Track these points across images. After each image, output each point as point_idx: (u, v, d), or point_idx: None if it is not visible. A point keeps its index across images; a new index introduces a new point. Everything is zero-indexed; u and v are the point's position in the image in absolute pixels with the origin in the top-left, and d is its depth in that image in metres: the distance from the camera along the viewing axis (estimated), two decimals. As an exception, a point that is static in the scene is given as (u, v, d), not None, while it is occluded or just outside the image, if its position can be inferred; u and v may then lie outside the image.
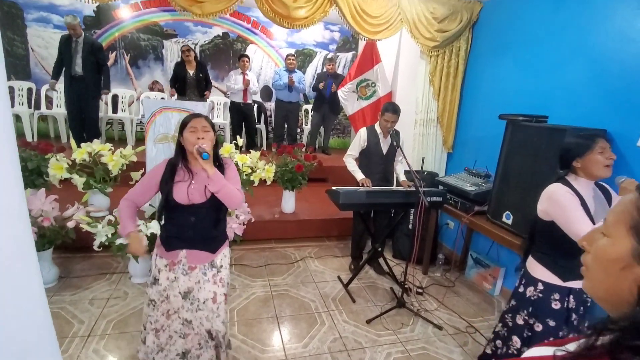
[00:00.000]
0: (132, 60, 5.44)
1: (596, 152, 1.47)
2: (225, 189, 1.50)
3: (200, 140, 1.48)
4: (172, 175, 1.56)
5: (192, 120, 1.53)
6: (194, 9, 2.64)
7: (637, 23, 2.10)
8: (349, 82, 4.64)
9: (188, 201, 1.54)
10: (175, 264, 1.60)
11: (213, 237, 1.65)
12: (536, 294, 1.58)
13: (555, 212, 1.49)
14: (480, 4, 3.29)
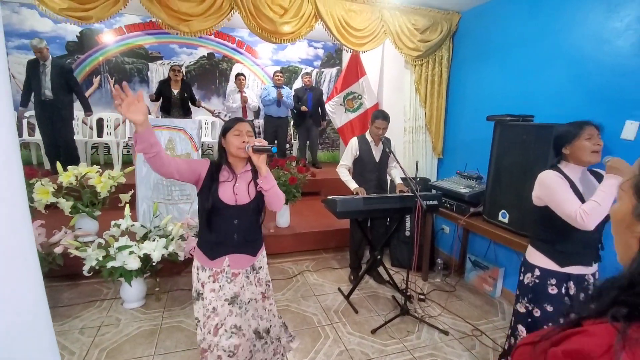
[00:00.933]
0: (117, 83, 5.39)
1: (583, 138, 1.52)
2: (275, 188, 1.53)
3: (245, 143, 1.48)
4: (217, 175, 1.53)
5: (237, 124, 1.52)
6: (181, 27, 2.66)
7: (609, 24, 2.22)
8: (335, 96, 4.71)
9: (234, 201, 1.51)
10: (219, 273, 1.56)
11: (255, 239, 1.63)
12: (533, 280, 1.60)
13: (547, 195, 1.54)
14: (458, 14, 3.43)
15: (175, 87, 4.51)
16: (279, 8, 2.87)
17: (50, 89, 4.03)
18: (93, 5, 2.44)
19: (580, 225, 1.40)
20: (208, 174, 1.52)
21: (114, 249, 2.40)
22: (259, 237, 1.68)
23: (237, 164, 1.56)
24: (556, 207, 1.51)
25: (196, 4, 2.65)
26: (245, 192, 1.54)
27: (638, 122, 2.08)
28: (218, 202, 1.49)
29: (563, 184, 1.51)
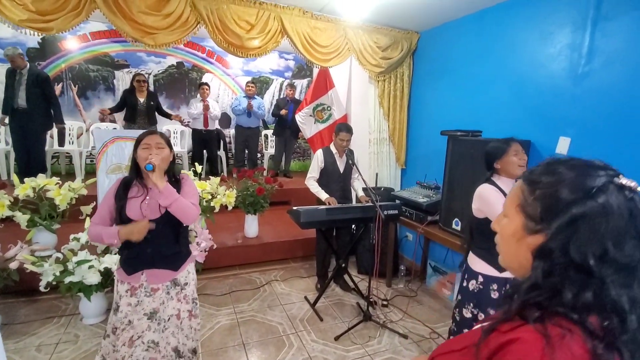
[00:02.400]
0: (81, 91, 5.25)
1: (511, 154, 1.70)
2: (177, 202, 1.49)
3: (154, 155, 1.49)
4: (125, 191, 1.55)
5: (147, 137, 1.54)
6: (146, 40, 2.68)
7: (544, 50, 2.47)
8: (305, 107, 4.82)
9: (141, 217, 1.51)
10: (137, 288, 1.56)
11: (173, 253, 1.63)
12: (477, 286, 1.74)
13: (485, 208, 1.70)
14: (417, 34, 3.65)
15: (140, 95, 4.45)
16: (245, 24, 2.95)
17: (24, 99, 3.89)
18: (54, 16, 2.42)
19: None
20: (117, 193, 1.55)
21: (73, 264, 2.35)
22: (181, 251, 1.66)
23: (147, 178, 1.55)
24: (493, 218, 1.66)
25: (162, 17, 2.68)
26: (155, 207, 1.53)
27: (569, 138, 2.31)
28: (125, 219, 1.51)
29: (499, 197, 1.67)
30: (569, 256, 0.54)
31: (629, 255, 0.52)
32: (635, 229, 0.53)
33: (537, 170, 0.64)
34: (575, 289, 0.53)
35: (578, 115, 2.26)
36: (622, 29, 2.04)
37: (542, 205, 0.59)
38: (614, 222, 0.53)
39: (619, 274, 0.52)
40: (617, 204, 0.53)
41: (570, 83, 2.30)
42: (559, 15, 2.36)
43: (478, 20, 2.99)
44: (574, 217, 0.54)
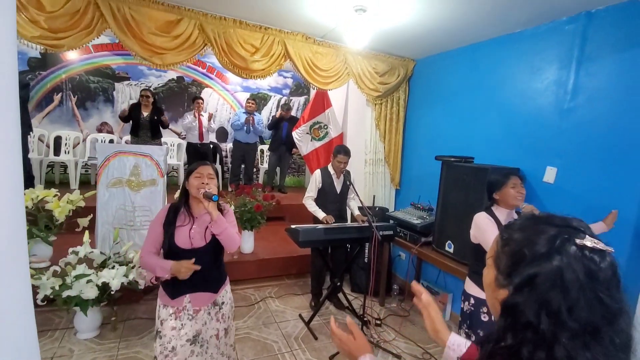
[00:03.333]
0: (80, 101, 5.28)
1: (509, 186, 1.82)
2: (227, 231, 1.60)
3: (205, 185, 1.58)
4: (174, 219, 1.62)
5: (199, 167, 1.64)
6: (154, 60, 2.76)
7: (532, 84, 2.64)
8: (302, 125, 4.94)
9: (190, 245, 1.59)
10: (181, 311, 1.61)
11: (214, 278, 1.70)
12: (469, 308, 1.83)
13: (478, 235, 1.81)
14: (413, 61, 3.83)
15: (145, 110, 4.50)
16: (250, 47, 3.07)
17: None
18: (66, 34, 2.49)
19: None
20: (167, 219, 1.61)
21: (71, 278, 2.35)
22: (220, 275, 1.75)
23: (196, 206, 1.66)
24: (485, 246, 1.77)
25: (170, 39, 2.78)
26: (202, 235, 1.62)
27: (556, 168, 2.45)
28: (174, 247, 1.59)
29: (492, 226, 1.78)
30: (527, 314, 0.55)
31: (584, 319, 0.52)
32: (593, 292, 0.52)
33: (513, 226, 0.65)
34: (530, 347, 0.54)
35: (564, 147, 2.41)
36: (604, 69, 2.21)
37: (509, 260, 0.61)
38: (569, 283, 0.52)
39: (573, 338, 0.52)
40: (574, 265, 0.53)
41: (557, 117, 2.46)
42: (547, 53, 2.54)
43: (471, 53, 3.16)
44: (530, 276, 0.56)
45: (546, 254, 0.55)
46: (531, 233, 0.60)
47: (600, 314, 0.53)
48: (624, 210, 2.05)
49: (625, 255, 2.07)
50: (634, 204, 2.03)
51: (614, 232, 2.07)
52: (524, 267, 0.57)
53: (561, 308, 0.52)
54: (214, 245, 1.65)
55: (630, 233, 2.05)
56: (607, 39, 2.19)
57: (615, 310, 0.54)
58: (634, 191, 2.04)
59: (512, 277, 0.59)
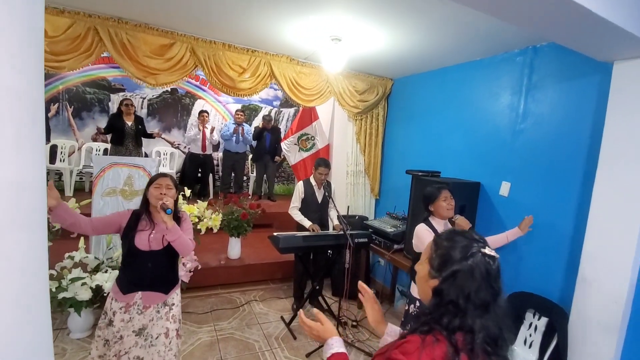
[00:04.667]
0: (76, 111, 5.49)
1: (441, 199, 2.08)
2: (180, 239, 1.77)
3: (163, 195, 1.78)
4: (135, 224, 1.82)
5: (159, 178, 1.84)
6: (148, 80, 3.01)
7: (491, 107, 2.93)
8: (290, 136, 5.20)
9: (148, 248, 1.79)
10: (131, 306, 1.80)
11: (167, 279, 1.89)
12: (414, 310, 2.07)
13: (420, 244, 2.06)
14: (391, 80, 4.13)
15: (128, 119, 4.71)
16: (238, 67, 3.33)
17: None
18: (67, 57, 2.72)
19: None
20: (128, 223, 1.81)
21: (67, 281, 2.56)
22: (173, 277, 1.93)
23: (156, 214, 1.81)
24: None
25: (164, 61, 3.03)
26: (159, 240, 1.80)
27: (509, 182, 2.74)
28: (133, 248, 1.77)
29: (429, 236, 2.03)
30: (449, 296, 0.85)
31: (482, 299, 0.84)
32: (488, 282, 0.85)
33: (443, 236, 0.95)
34: (450, 317, 0.84)
35: (515, 164, 2.69)
36: (547, 97, 2.51)
37: (439, 260, 0.91)
38: (476, 277, 0.84)
39: (476, 310, 0.83)
40: (480, 266, 0.85)
41: (510, 137, 2.75)
42: (502, 80, 2.84)
43: (441, 75, 3.46)
44: (454, 271, 0.86)
45: (464, 257, 0.87)
46: (453, 243, 0.91)
47: (490, 294, 0.85)
48: (561, 223, 2.33)
49: (563, 262, 2.35)
50: (570, 218, 2.31)
51: (554, 242, 2.35)
52: (450, 265, 0.88)
53: (471, 291, 0.84)
54: (169, 249, 1.80)
55: (566, 243, 2.33)
56: (549, 71, 2.49)
57: (497, 292, 0.87)
58: (569, 206, 2.32)
59: (440, 272, 0.89)
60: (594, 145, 2.14)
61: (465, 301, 0.83)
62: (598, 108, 2.15)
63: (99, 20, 2.77)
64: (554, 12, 1.50)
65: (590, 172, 2.13)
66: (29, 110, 0.80)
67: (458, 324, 0.83)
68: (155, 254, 1.81)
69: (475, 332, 0.82)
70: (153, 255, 1.80)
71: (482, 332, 0.82)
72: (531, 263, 2.56)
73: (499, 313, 0.85)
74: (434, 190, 2.12)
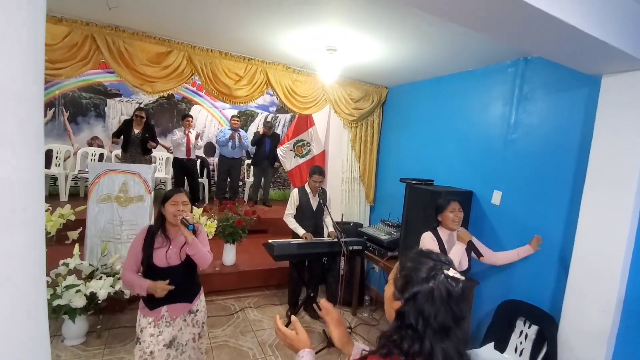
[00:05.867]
0: (72, 116, 5.49)
1: (449, 211, 2.12)
2: (200, 252, 1.84)
3: (181, 212, 1.81)
4: (152, 242, 1.84)
5: (175, 195, 1.86)
6: (145, 88, 3.03)
7: (483, 117, 2.98)
8: (287, 142, 5.24)
9: (167, 264, 1.83)
10: (159, 319, 1.84)
11: (189, 290, 1.93)
12: None
13: None
14: (386, 88, 4.18)
15: (137, 127, 4.72)
16: (235, 75, 3.36)
17: None
18: (64, 65, 2.74)
19: None
20: (145, 240, 1.84)
21: (62, 288, 2.55)
22: (194, 286, 1.97)
23: (171, 229, 1.87)
24: None
25: (160, 69, 3.05)
26: (177, 254, 1.85)
27: (501, 192, 2.78)
28: (152, 266, 1.81)
29: (433, 245, 2.07)
30: (409, 319, 0.82)
31: (442, 322, 0.80)
32: (449, 305, 0.81)
33: (408, 257, 0.92)
34: (409, 341, 0.81)
35: (507, 174, 2.74)
36: (537, 108, 2.56)
37: (402, 281, 0.87)
38: (435, 299, 0.80)
39: (435, 334, 0.80)
40: (440, 287, 0.81)
41: (502, 146, 2.80)
42: (494, 91, 2.89)
43: (435, 85, 3.52)
44: (414, 293, 0.82)
45: (425, 279, 0.83)
46: (417, 264, 0.87)
47: (451, 318, 0.81)
48: (551, 232, 2.37)
49: (553, 271, 2.38)
50: (560, 226, 2.35)
51: (544, 250, 2.39)
52: (411, 287, 0.84)
53: (430, 314, 0.80)
54: (188, 262, 1.87)
55: (556, 252, 2.37)
56: (539, 83, 2.55)
57: (460, 316, 0.83)
58: (559, 215, 2.36)
59: (403, 293, 0.85)
60: (582, 156, 2.19)
61: (425, 325, 0.80)
62: (586, 119, 2.20)
63: (96, 29, 2.79)
64: (540, 29, 1.54)
65: (579, 181, 2.17)
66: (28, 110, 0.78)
67: (418, 349, 0.80)
68: (174, 269, 1.85)
69: (434, 357, 0.79)
70: (172, 270, 1.85)
71: (441, 358, 0.79)
72: (522, 271, 2.59)
73: (460, 337, 0.82)
74: (444, 201, 2.17)
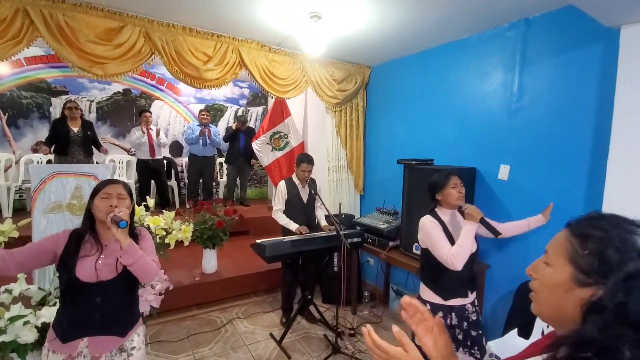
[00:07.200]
0: (11, 119, 4.73)
1: (450, 187, 1.85)
2: (140, 261, 1.36)
3: (114, 208, 1.36)
4: (76, 249, 1.37)
5: (107, 186, 1.42)
6: (94, 70, 2.53)
7: (482, 88, 2.77)
8: (262, 135, 4.83)
9: (96, 278, 1.35)
10: (74, 358, 1.35)
11: (123, 317, 1.46)
12: None
13: (425, 239, 1.83)
14: (369, 68, 3.90)
15: (74, 125, 4.10)
16: (202, 55, 2.93)
17: None
18: (-13, 44, 2.20)
19: (451, 266, 1.68)
20: (66, 248, 1.37)
21: (4, 321, 2.03)
22: (132, 314, 1.51)
23: (104, 232, 1.43)
24: (433, 250, 1.79)
25: (112, 47, 2.56)
26: (112, 266, 1.39)
27: (509, 165, 2.58)
28: (74, 281, 1.33)
29: (437, 229, 1.80)
30: (626, 314, 0.54)
31: None
32: None
33: (583, 223, 0.66)
34: (635, 348, 0.52)
35: (514, 145, 2.54)
36: (544, 72, 2.37)
37: (596, 259, 0.59)
38: None
39: None
40: None
41: (506, 117, 2.60)
42: (493, 58, 2.68)
43: (424, 59, 3.28)
44: (629, 274, 0.55)
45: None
46: (619, 232, 0.60)
47: None
48: (569, 206, 2.18)
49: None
50: (579, 199, 2.17)
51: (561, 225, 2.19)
52: (620, 265, 0.57)
53: None
54: (126, 277, 1.40)
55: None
56: (544, 44, 2.36)
57: None
58: (578, 187, 2.18)
59: (603, 276, 0.57)
60: (602, 118, 2.01)
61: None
62: (604, 77, 2.02)
63: (29, 0, 2.26)
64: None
65: (600, 147, 1.99)
66: None
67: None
68: (106, 285, 1.38)
69: None
70: (103, 287, 1.37)
71: None
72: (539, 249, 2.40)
73: None
74: (442, 177, 1.88)
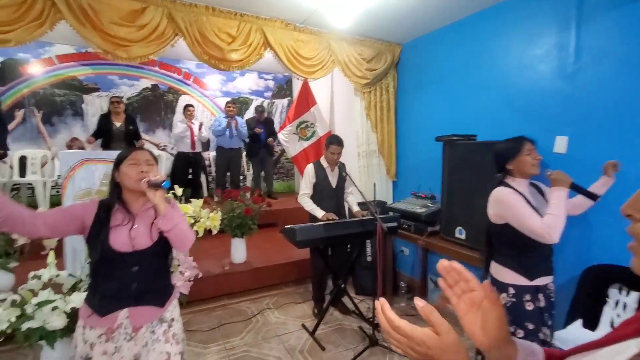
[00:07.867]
0: (46, 117, 4.89)
1: (524, 153, 1.60)
2: (179, 226, 1.30)
3: (145, 174, 1.28)
4: (107, 219, 1.29)
5: (133, 152, 1.34)
6: (118, 53, 2.48)
7: (531, 52, 2.48)
8: (288, 125, 4.69)
9: (131, 247, 1.28)
10: (115, 330, 1.27)
11: (161, 287, 1.39)
12: (510, 300, 1.57)
13: (506, 213, 1.56)
14: (399, 46, 3.66)
15: (117, 119, 4.18)
16: (226, 36, 2.82)
17: None
18: (12, 27, 2.18)
19: (547, 240, 1.42)
20: (97, 218, 1.29)
21: (32, 306, 2.00)
22: (168, 284, 1.45)
23: (134, 202, 1.35)
24: (517, 224, 1.52)
25: (136, 29, 2.51)
26: (147, 234, 1.32)
27: (567, 136, 2.28)
28: (109, 251, 1.26)
29: (520, 200, 1.54)
30: None
31: None
32: None
33: None
34: None
35: (573, 113, 2.24)
36: (605, 27, 2.06)
37: None
38: None
39: None
40: None
41: (561, 82, 2.30)
42: (542, 18, 2.38)
43: (457, 30, 3.01)
44: None
45: None
46: None
47: None
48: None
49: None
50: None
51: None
52: None
53: None
54: (162, 245, 1.34)
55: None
56: (608, -6, 2.05)
57: None
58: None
59: None
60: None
61: None
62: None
63: (51, -18, 2.24)
64: None
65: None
66: None
67: None
68: (142, 254, 1.30)
69: None
70: (139, 256, 1.30)
71: None
72: (605, 231, 2.10)
73: None
74: (513, 143, 1.65)
